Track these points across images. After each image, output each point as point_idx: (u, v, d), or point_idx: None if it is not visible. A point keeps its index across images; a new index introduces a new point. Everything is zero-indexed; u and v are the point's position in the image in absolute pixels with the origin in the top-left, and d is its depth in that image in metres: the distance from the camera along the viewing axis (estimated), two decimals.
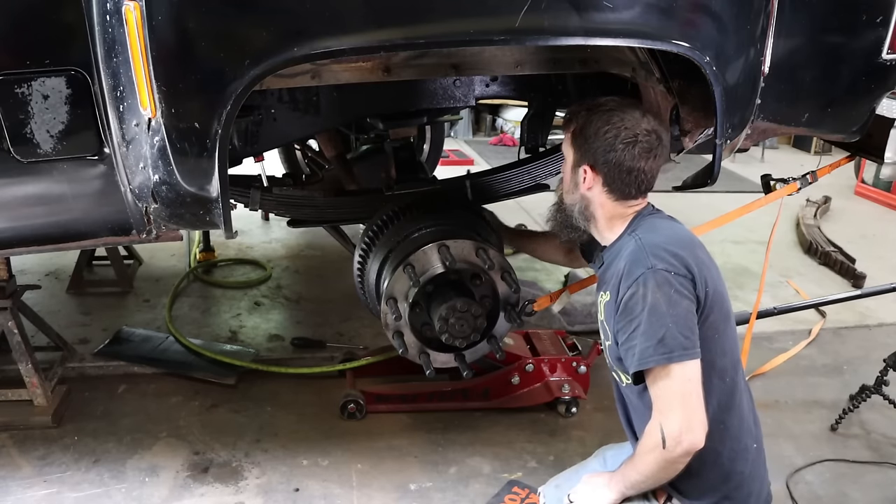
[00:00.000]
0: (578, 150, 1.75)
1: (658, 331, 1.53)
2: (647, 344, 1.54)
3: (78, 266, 3.97)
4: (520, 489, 2.50)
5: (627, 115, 1.70)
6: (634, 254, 1.63)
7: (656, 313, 1.54)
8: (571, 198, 1.82)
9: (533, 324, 3.42)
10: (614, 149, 1.68)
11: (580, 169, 1.75)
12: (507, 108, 7.36)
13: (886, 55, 2.26)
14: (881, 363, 2.87)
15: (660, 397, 1.56)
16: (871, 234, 5.56)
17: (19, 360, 2.76)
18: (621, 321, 1.61)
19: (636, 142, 1.67)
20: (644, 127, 1.68)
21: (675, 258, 1.59)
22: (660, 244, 1.62)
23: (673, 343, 1.52)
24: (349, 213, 3.08)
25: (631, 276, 1.59)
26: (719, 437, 1.63)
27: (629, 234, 1.72)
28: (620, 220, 1.77)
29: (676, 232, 1.70)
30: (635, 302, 1.57)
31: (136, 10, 1.62)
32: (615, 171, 1.69)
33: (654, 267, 1.57)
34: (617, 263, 1.68)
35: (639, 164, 1.69)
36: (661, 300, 1.54)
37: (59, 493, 2.46)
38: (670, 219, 1.78)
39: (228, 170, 1.87)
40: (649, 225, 1.72)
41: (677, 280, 1.56)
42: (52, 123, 1.77)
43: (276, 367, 3.16)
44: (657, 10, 1.84)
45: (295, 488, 2.52)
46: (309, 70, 2.25)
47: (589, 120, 1.72)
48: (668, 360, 1.52)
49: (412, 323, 2.46)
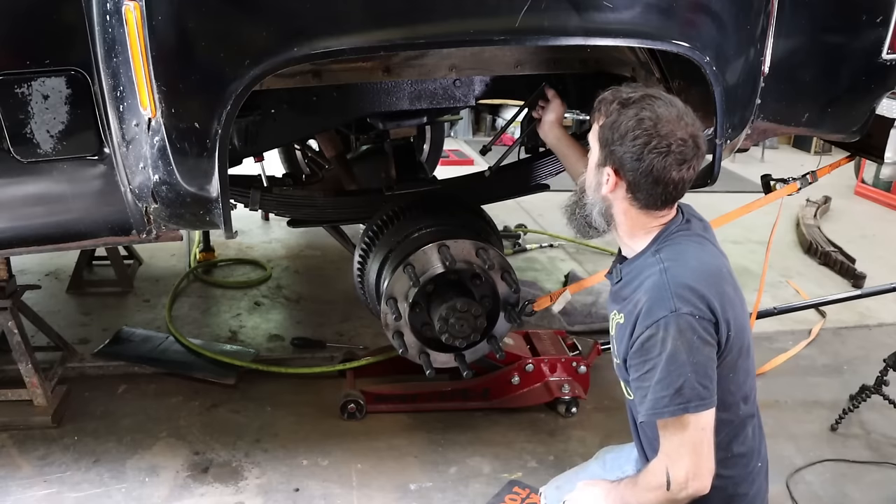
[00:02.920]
0: (604, 149, 1.55)
1: (676, 381, 1.43)
2: (662, 393, 1.45)
3: (78, 266, 3.96)
4: (520, 489, 2.50)
5: (663, 118, 1.48)
6: (657, 290, 1.48)
7: (675, 362, 1.43)
8: (593, 196, 1.63)
9: (533, 324, 3.41)
10: (643, 158, 1.48)
11: (604, 170, 1.56)
12: (507, 108, 7.36)
13: (886, 55, 2.27)
14: (881, 363, 2.87)
15: (670, 442, 1.48)
16: (871, 234, 5.55)
17: (19, 360, 2.76)
18: (636, 358, 1.50)
19: (669, 152, 1.47)
20: (679, 135, 1.47)
21: (700, 300, 1.46)
22: (685, 280, 1.47)
23: (690, 394, 1.43)
24: (349, 213, 3.08)
25: (651, 316, 1.46)
26: (726, 465, 1.57)
27: (653, 254, 1.56)
28: (644, 231, 1.60)
29: (704, 262, 1.54)
30: (653, 344, 1.46)
31: (136, 10, 1.63)
32: (642, 180, 1.50)
33: (678, 311, 1.44)
34: (636, 290, 1.55)
35: (669, 176, 1.49)
36: (681, 347, 1.43)
37: (59, 493, 2.46)
38: (699, 239, 1.60)
39: (228, 170, 1.87)
40: (677, 250, 1.55)
41: (701, 324, 1.44)
42: (52, 123, 1.77)
43: (276, 367, 3.16)
44: (657, 10, 1.85)
45: (295, 488, 2.52)
46: (309, 70, 2.25)
47: (620, 117, 1.51)
48: (683, 411, 1.44)
49: (412, 323, 2.46)
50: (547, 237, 5.04)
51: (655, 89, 1.58)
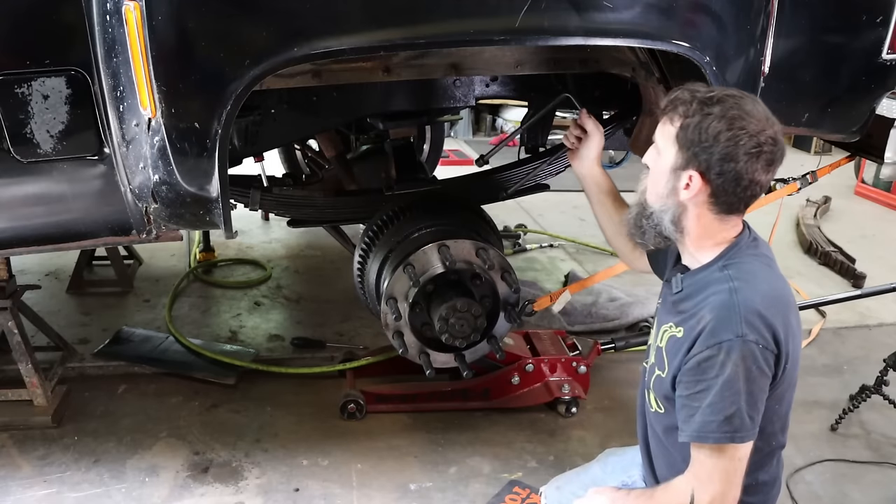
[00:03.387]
0: (685, 151, 1.44)
1: (728, 408, 1.39)
2: (711, 418, 1.40)
3: (78, 266, 3.96)
4: (521, 489, 2.50)
5: (751, 117, 1.40)
6: (725, 310, 1.41)
7: (731, 388, 1.38)
8: (663, 203, 1.51)
9: (533, 324, 3.41)
10: (735, 159, 1.39)
11: (684, 173, 1.45)
12: (507, 108, 7.36)
13: (886, 55, 2.27)
14: (881, 363, 2.87)
15: (702, 465, 1.44)
16: (871, 234, 5.55)
17: (19, 360, 2.76)
18: (689, 376, 1.45)
19: (760, 153, 1.39)
20: (768, 134, 1.40)
21: (767, 328, 1.40)
22: (755, 305, 1.41)
23: (739, 424, 1.39)
24: (349, 213, 3.08)
25: (715, 337, 1.40)
26: (748, 491, 1.53)
27: (720, 269, 1.48)
28: (712, 241, 1.51)
29: (774, 286, 1.48)
30: (711, 366, 1.40)
31: (136, 10, 1.63)
32: (730, 183, 1.42)
33: (745, 337, 1.38)
34: (699, 306, 1.47)
35: (757, 178, 1.42)
36: (740, 375, 1.38)
37: (59, 493, 2.46)
38: (767, 261, 1.53)
39: (228, 170, 1.87)
40: (747, 270, 1.47)
41: (763, 355, 1.40)
42: (52, 123, 1.77)
43: (276, 367, 3.16)
44: (657, 10, 1.85)
45: (295, 488, 2.52)
46: (309, 70, 2.25)
47: (705, 117, 1.41)
48: (729, 440, 1.40)
49: (412, 323, 2.46)
50: (547, 237, 5.04)
51: (730, 88, 1.51)
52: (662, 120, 1.50)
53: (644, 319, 3.64)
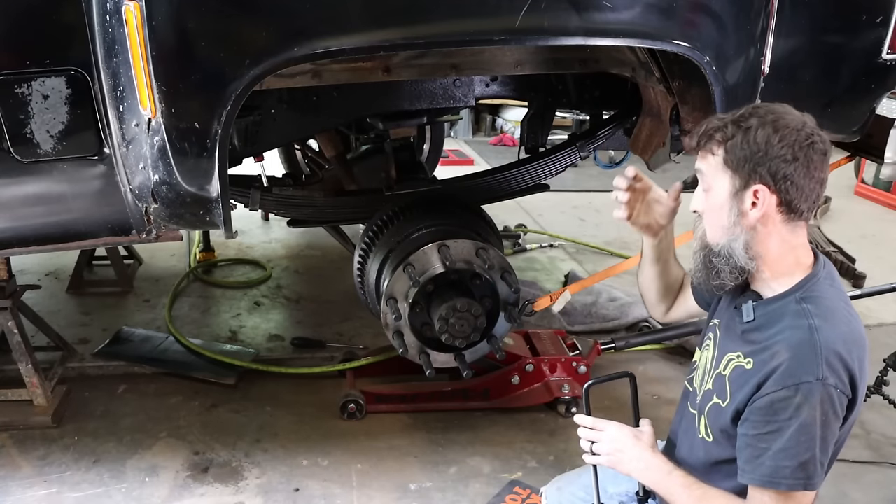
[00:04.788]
0: (741, 170, 1.38)
1: (802, 454, 1.33)
2: (784, 463, 1.34)
3: (78, 266, 3.96)
4: (521, 489, 2.50)
5: (789, 115, 1.39)
6: (806, 349, 1.34)
7: (807, 433, 1.33)
8: (730, 234, 1.43)
9: (533, 324, 3.41)
10: (794, 156, 1.36)
11: (747, 193, 1.38)
12: (507, 108, 7.35)
13: (886, 55, 2.26)
14: (881, 363, 2.87)
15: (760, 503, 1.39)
16: (871, 234, 5.55)
17: (19, 360, 2.76)
18: (758, 415, 1.37)
19: (812, 143, 1.37)
20: (811, 126, 1.39)
21: (846, 372, 1.35)
22: (836, 346, 1.34)
23: (812, 471, 1.35)
24: (349, 213, 3.09)
25: (793, 377, 1.33)
26: None
27: (797, 302, 1.40)
28: (787, 263, 1.44)
29: (854, 330, 1.41)
30: (785, 407, 1.33)
31: (136, 10, 1.63)
32: (795, 186, 1.37)
33: (825, 380, 1.31)
34: (774, 339, 1.39)
35: (821, 175, 1.41)
36: (816, 419, 1.32)
37: (59, 493, 2.46)
38: (844, 297, 1.47)
39: (228, 170, 1.87)
40: (826, 307, 1.39)
41: (839, 399, 1.34)
42: (52, 123, 1.77)
43: (276, 367, 3.16)
44: (657, 10, 1.85)
45: (295, 488, 2.52)
46: (309, 70, 2.25)
47: (746, 132, 1.37)
48: (802, 487, 1.35)
49: (412, 323, 2.46)
50: (547, 237, 5.04)
51: (745, 105, 1.48)
52: (699, 157, 1.45)
53: (644, 319, 3.64)
